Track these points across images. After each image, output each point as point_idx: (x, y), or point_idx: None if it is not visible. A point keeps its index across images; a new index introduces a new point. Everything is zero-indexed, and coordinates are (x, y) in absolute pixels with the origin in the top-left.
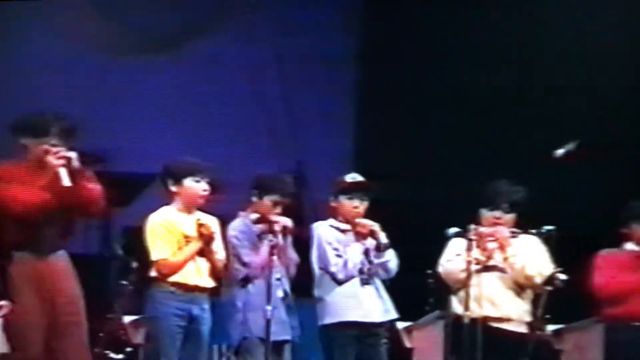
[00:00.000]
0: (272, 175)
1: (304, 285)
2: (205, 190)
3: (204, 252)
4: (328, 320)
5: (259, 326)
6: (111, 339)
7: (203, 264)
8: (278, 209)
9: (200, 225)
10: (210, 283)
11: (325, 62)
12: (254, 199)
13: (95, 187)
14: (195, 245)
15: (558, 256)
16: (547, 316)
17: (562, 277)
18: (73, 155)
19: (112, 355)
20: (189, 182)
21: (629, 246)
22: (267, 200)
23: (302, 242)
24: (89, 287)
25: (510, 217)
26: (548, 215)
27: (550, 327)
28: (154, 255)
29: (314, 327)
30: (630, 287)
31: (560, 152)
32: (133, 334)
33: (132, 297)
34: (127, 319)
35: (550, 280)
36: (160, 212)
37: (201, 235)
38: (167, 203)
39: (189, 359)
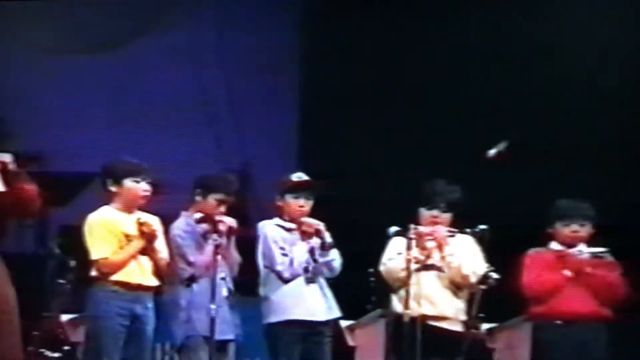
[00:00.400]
0: (216, 174)
1: (249, 284)
2: (145, 191)
3: (147, 250)
4: (273, 318)
5: (203, 325)
6: (47, 337)
7: (146, 262)
8: (222, 208)
9: (141, 224)
10: (153, 282)
11: (269, 62)
12: (198, 198)
13: (30, 189)
14: (137, 243)
15: (491, 255)
16: (482, 315)
17: (495, 276)
18: (8, 158)
19: (48, 353)
20: (128, 183)
21: (554, 245)
22: (212, 199)
23: (248, 241)
24: (24, 286)
25: (447, 216)
26: (481, 214)
27: (485, 326)
28: (94, 255)
29: (258, 325)
30: (552, 286)
31: (492, 152)
32: (71, 332)
33: (70, 295)
34: (65, 317)
35: (483, 279)
36: (99, 211)
37: (143, 234)
38: (107, 203)
39: (132, 357)
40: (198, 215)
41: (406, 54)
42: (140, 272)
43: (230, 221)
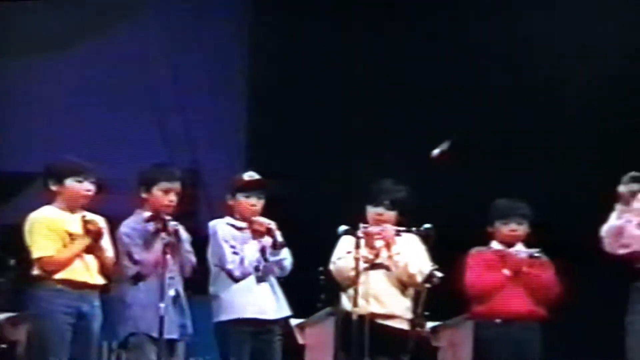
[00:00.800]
0: (153, 166)
1: (199, 283)
2: (88, 191)
3: (92, 249)
4: (223, 317)
5: (147, 323)
6: None
7: (91, 261)
8: (172, 196)
9: (87, 222)
10: (99, 280)
11: (218, 60)
12: (143, 195)
13: None
14: (83, 241)
15: (435, 254)
16: (427, 313)
17: (439, 274)
18: None
19: None
20: (70, 183)
21: (494, 245)
22: (156, 190)
23: (198, 240)
24: None
25: (392, 213)
26: (426, 213)
27: (430, 324)
28: (36, 253)
29: (209, 324)
30: (493, 285)
31: (435, 152)
32: (9, 331)
33: (8, 294)
34: (2, 316)
35: (428, 277)
36: (41, 210)
37: (88, 232)
38: (49, 202)
39: (79, 356)
40: (146, 213)
41: (353, 53)
42: (86, 271)
43: (174, 224)
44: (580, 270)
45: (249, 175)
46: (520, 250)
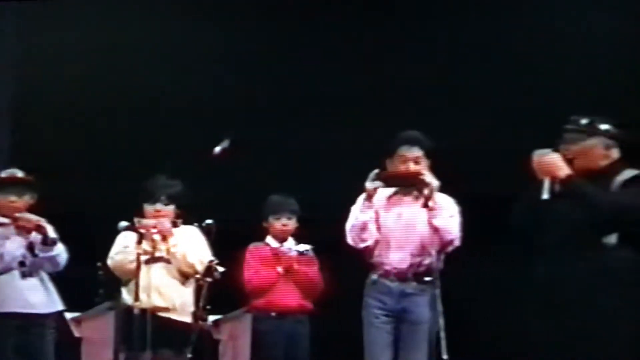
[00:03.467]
0: None
1: None
2: None
3: None
4: None
5: None
6: None
7: None
8: None
9: None
10: None
11: None
12: None
13: None
14: None
15: (218, 248)
16: (208, 307)
17: (220, 268)
18: None
19: None
20: None
21: (269, 240)
22: None
23: None
24: None
25: (169, 208)
26: (212, 209)
27: (211, 318)
28: None
29: None
30: (267, 282)
31: (217, 149)
32: None
33: None
34: None
35: (209, 271)
36: None
37: None
38: None
39: None
40: None
41: (124, 48)
42: None
43: None
44: (344, 265)
45: (9, 173)
46: (291, 246)
